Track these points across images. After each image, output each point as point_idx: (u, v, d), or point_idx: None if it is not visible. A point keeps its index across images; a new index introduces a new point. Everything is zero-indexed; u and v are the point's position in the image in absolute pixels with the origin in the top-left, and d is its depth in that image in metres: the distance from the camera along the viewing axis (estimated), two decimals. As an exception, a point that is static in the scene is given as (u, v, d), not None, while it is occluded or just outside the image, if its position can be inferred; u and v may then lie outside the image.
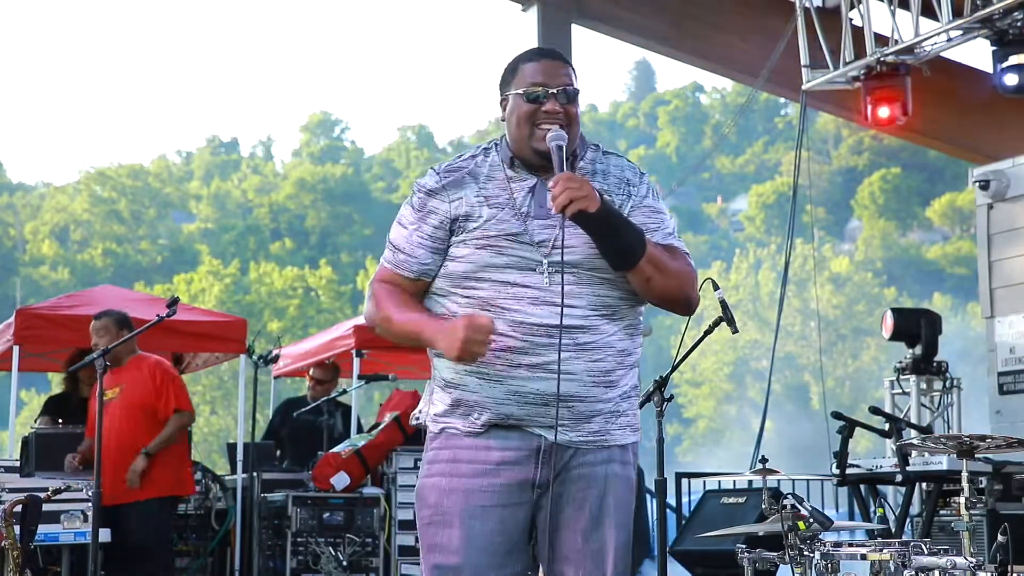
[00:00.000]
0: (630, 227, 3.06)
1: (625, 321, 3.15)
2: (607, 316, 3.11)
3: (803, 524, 4.28)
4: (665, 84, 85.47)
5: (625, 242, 3.04)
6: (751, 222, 55.02)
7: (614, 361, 3.12)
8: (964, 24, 8.89)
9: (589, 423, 3.12)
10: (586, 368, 3.08)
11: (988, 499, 6.45)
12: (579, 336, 3.07)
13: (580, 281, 3.08)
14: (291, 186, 58.59)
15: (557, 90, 3.11)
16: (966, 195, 42.50)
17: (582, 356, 3.08)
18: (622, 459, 3.19)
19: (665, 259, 3.09)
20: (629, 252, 3.04)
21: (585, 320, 3.08)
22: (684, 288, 3.13)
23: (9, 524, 5.38)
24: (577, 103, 3.14)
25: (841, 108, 12.40)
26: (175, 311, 5.97)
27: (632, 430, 3.20)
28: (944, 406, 8.81)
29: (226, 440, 22.59)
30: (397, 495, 8.17)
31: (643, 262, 3.05)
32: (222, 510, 8.57)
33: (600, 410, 3.12)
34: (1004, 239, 8.47)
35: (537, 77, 3.12)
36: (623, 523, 3.18)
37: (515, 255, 3.08)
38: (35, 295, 42.47)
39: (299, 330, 41.26)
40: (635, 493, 3.23)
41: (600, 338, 3.09)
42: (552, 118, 3.08)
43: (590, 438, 3.13)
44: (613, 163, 3.21)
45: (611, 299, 3.12)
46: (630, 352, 3.17)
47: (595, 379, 3.10)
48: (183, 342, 9.29)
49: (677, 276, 3.10)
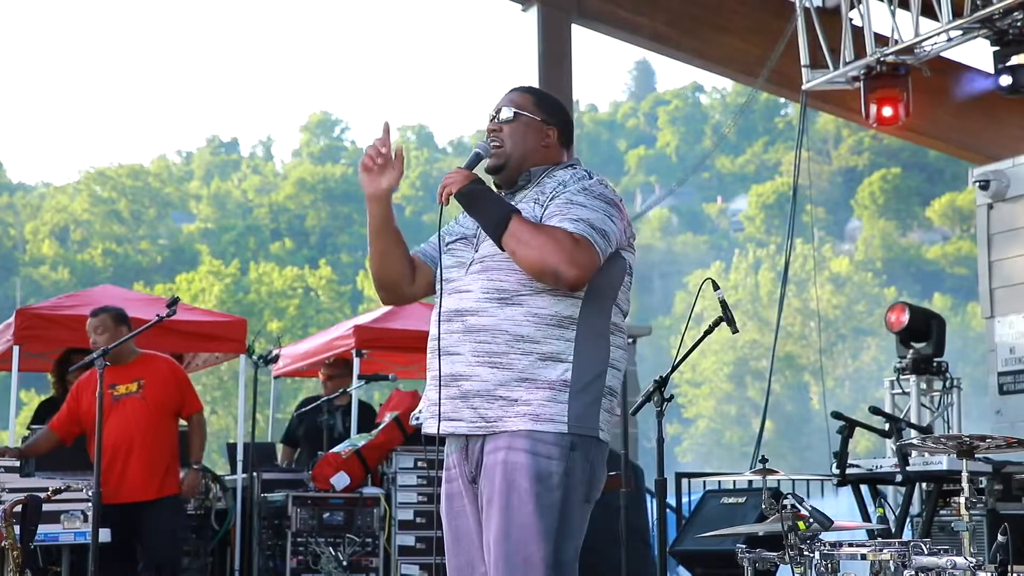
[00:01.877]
0: (493, 207, 3.28)
1: (525, 308, 3.25)
2: (501, 300, 3.27)
3: (803, 524, 4.29)
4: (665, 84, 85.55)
5: (485, 219, 3.28)
6: (751, 222, 55.05)
7: (506, 345, 3.24)
8: (964, 24, 8.89)
9: (483, 408, 3.23)
10: (471, 348, 3.27)
11: (988, 499, 6.45)
12: (468, 319, 3.29)
13: (485, 269, 3.32)
14: (291, 186, 58.63)
15: (493, 112, 3.51)
16: (966, 195, 42.52)
17: (469, 337, 3.27)
18: (523, 446, 3.18)
19: (530, 234, 3.21)
20: (492, 228, 3.26)
21: (476, 303, 3.29)
22: (546, 259, 3.17)
23: (9, 524, 5.38)
24: (517, 123, 3.47)
25: (841, 108, 12.41)
26: (175, 311, 5.95)
27: (534, 419, 3.20)
28: (944, 406, 8.80)
29: (226, 440, 22.58)
30: (397, 495, 8.16)
31: (506, 236, 3.22)
32: (222, 510, 8.56)
33: (489, 391, 3.22)
34: (1004, 239, 8.47)
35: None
36: (513, 507, 3.16)
37: (458, 256, 3.41)
38: (35, 295, 42.47)
39: (299, 330, 41.28)
40: (550, 481, 3.18)
41: (489, 320, 3.26)
42: (490, 135, 3.49)
43: (481, 424, 3.24)
44: (560, 176, 3.44)
45: (507, 284, 3.28)
46: (536, 340, 3.24)
47: (479, 359, 3.25)
48: (183, 342, 9.28)
49: (540, 248, 3.18)
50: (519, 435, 3.20)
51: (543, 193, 3.37)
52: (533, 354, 3.23)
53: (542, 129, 3.48)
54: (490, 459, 3.22)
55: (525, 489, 3.16)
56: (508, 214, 3.25)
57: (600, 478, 3.33)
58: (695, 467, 39.88)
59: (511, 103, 3.50)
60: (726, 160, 58.85)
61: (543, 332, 3.24)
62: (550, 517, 3.16)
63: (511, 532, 3.15)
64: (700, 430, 46.96)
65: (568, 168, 3.47)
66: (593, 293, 3.29)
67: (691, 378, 46.88)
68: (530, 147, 3.46)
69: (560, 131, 3.52)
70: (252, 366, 8.73)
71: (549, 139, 3.49)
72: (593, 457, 3.28)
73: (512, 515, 3.16)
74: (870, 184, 53.25)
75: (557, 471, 3.19)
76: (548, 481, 3.18)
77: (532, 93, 3.56)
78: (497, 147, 3.45)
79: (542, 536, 3.15)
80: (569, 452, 3.21)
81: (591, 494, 3.29)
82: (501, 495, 3.18)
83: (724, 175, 60.18)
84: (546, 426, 3.19)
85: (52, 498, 5.64)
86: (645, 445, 16.19)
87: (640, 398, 5.05)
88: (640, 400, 5.06)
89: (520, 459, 3.18)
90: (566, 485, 3.20)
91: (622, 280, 3.37)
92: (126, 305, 7.46)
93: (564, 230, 3.21)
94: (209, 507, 8.53)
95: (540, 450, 3.19)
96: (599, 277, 3.27)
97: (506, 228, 3.23)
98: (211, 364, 11.06)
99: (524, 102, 3.50)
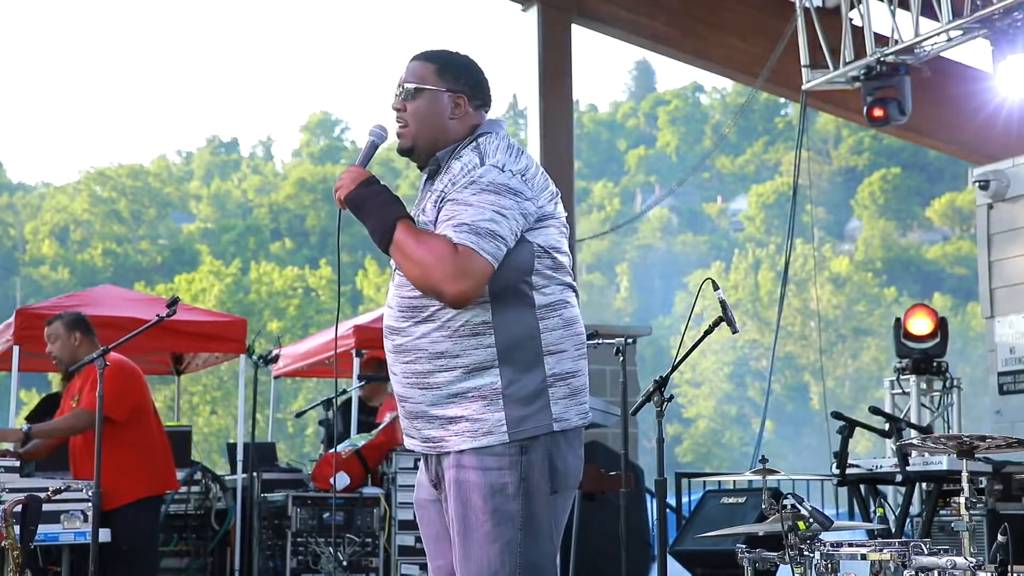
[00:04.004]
0: (379, 216, 3.11)
1: (438, 322, 3.11)
2: (414, 318, 3.15)
3: (803, 524, 4.28)
4: (665, 84, 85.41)
5: (371, 228, 3.13)
6: (751, 222, 55.02)
7: (429, 364, 3.12)
8: (964, 24, 8.89)
9: (425, 429, 3.18)
10: (403, 370, 3.18)
11: (988, 499, 6.45)
12: (395, 338, 3.19)
13: (398, 285, 3.19)
14: (291, 186, 58.57)
15: (397, 89, 3.27)
16: (966, 195, 42.51)
17: (399, 358, 3.18)
18: (471, 463, 3.11)
19: (411, 247, 3.06)
20: (378, 238, 3.11)
21: (396, 322, 3.19)
22: (427, 275, 3.02)
23: (9, 524, 5.38)
24: (420, 100, 3.22)
25: (841, 108, 12.42)
26: (175, 311, 5.93)
27: (472, 436, 3.09)
28: (944, 406, 8.80)
29: (226, 440, 22.59)
30: (397, 495, 8.17)
31: (392, 248, 3.09)
32: (222, 510, 8.58)
33: (424, 412, 3.16)
34: (1004, 239, 8.47)
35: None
36: (472, 526, 3.10)
37: (392, 265, 3.25)
38: (35, 295, 42.45)
39: (299, 330, 41.24)
40: (505, 492, 3.09)
41: (408, 340, 3.15)
42: (397, 117, 3.27)
43: (428, 444, 3.19)
44: (465, 158, 3.18)
45: (415, 300, 3.15)
46: (456, 355, 3.10)
47: (410, 380, 3.16)
48: (183, 342, 9.29)
49: (420, 265, 3.04)
50: (467, 453, 3.10)
51: (452, 183, 3.14)
52: (457, 369, 3.10)
53: (450, 100, 3.24)
54: (447, 477, 3.16)
55: (480, 507, 3.08)
56: (394, 223, 3.09)
57: (569, 464, 3.18)
58: (695, 467, 39.88)
59: (413, 76, 3.24)
60: (726, 160, 58.81)
61: (460, 345, 3.10)
62: (511, 528, 3.07)
63: (472, 552, 3.09)
64: (700, 430, 46.93)
65: (473, 145, 3.20)
66: (500, 291, 3.11)
67: (691, 378, 46.88)
68: (438, 123, 3.23)
69: (469, 95, 3.26)
70: (252, 366, 8.74)
71: (459, 108, 3.24)
72: (552, 451, 3.13)
73: (471, 534, 3.09)
74: (870, 184, 53.24)
75: (511, 480, 3.09)
76: (503, 492, 3.08)
77: (432, 60, 3.27)
78: (403, 127, 3.24)
79: (504, 550, 3.07)
80: (520, 458, 3.09)
81: (558, 484, 3.16)
82: (459, 518, 3.11)
83: (724, 175, 60.14)
84: (487, 440, 3.09)
85: (52, 498, 5.63)
86: (645, 445, 16.19)
87: (640, 398, 5.04)
88: (640, 400, 5.06)
89: (471, 477, 3.10)
90: (525, 490, 3.09)
91: (532, 264, 3.15)
92: (126, 305, 7.46)
93: (446, 241, 3.03)
94: (209, 507, 8.54)
95: (489, 463, 3.09)
96: (500, 275, 3.08)
97: (391, 240, 3.09)
98: (211, 364, 11.07)
99: (425, 72, 3.24)
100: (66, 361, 6.46)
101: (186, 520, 8.55)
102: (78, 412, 6.30)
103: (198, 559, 8.54)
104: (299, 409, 11.07)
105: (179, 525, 8.55)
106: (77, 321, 6.56)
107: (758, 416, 36.15)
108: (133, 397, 6.37)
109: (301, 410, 10.06)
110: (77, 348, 6.45)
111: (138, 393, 6.44)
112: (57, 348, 6.47)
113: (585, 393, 3.23)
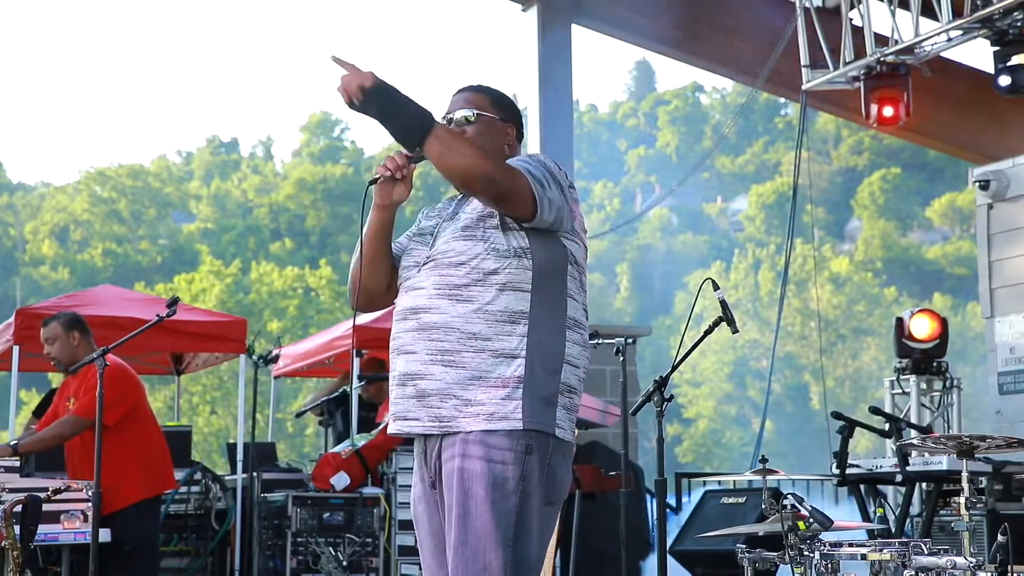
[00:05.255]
0: (414, 107, 3.14)
1: (476, 304, 3.18)
2: (452, 297, 3.20)
3: (803, 524, 4.29)
4: (665, 84, 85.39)
5: (404, 120, 3.14)
6: (751, 222, 55.00)
7: (458, 342, 3.18)
8: (964, 24, 8.89)
9: (437, 407, 3.18)
10: (425, 347, 3.21)
11: (988, 499, 6.46)
12: (422, 316, 3.23)
13: (437, 265, 3.25)
14: (291, 186, 58.57)
15: (447, 115, 3.39)
16: (966, 195, 42.50)
17: (423, 335, 3.22)
18: (477, 453, 3.14)
19: (458, 140, 3.16)
20: (412, 130, 3.13)
21: (428, 301, 3.23)
22: (476, 164, 3.11)
23: (9, 524, 5.38)
24: (479, 125, 3.37)
25: (841, 108, 12.41)
26: (175, 311, 5.93)
27: (487, 418, 3.14)
28: (944, 406, 8.81)
29: (226, 440, 22.60)
30: (397, 495, 8.17)
31: (430, 138, 3.12)
32: (222, 510, 8.58)
33: (442, 390, 3.17)
34: (1004, 239, 8.48)
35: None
36: (471, 514, 3.13)
37: (414, 255, 3.34)
38: (35, 295, 42.44)
39: (299, 330, 41.22)
40: (505, 487, 3.13)
41: (441, 318, 3.20)
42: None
43: (437, 424, 3.19)
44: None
45: (458, 280, 3.21)
46: (488, 338, 3.17)
47: (432, 357, 3.20)
48: (183, 342, 9.29)
49: (468, 156, 3.12)
50: (473, 441, 3.14)
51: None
52: (485, 351, 3.17)
53: (503, 128, 3.42)
54: (447, 467, 3.18)
55: (481, 497, 3.12)
56: (431, 115, 3.15)
57: (563, 478, 3.25)
58: (695, 467, 39.88)
59: (469, 104, 3.41)
60: (726, 160, 58.79)
61: (494, 329, 3.17)
62: (507, 523, 3.12)
63: (469, 540, 3.12)
64: (700, 430, 46.92)
65: None
66: (540, 283, 3.21)
67: (691, 378, 46.86)
68: (495, 149, 3.36)
69: (516, 127, 3.47)
70: (252, 366, 8.74)
71: (509, 137, 3.43)
72: (552, 458, 3.20)
73: (470, 522, 3.12)
74: (870, 184, 53.21)
75: (513, 476, 3.14)
76: (504, 487, 3.12)
77: (486, 92, 3.45)
78: None
79: (500, 543, 3.10)
80: (524, 456, 3.15)
81: (553, 496, 3.22)
82: (459, 503, 3.14)
83: (724, 175, 60.13)
84: (500, 424, 3.13)
85: (52, 498, 5.63)
86: (645, 445, 16.20)
87: (640, 398, 5.05)
88: (640, 400, 5.07)
89: (475, 466, 3.13)
90: (523, 489, 3.14)
91: (566, 267, 3.27)
92: (126, 305, 7.46)
93: (510, 166, 3.17)
94: (209, 507, 8.55)
95: (495, 456, 3.13)
96: (541, 260, 3.21)
97: (430, 130, 3.13)
98: (211, 364, 11.08)
99: (482, 102, 3.41)
100: (65, 362, 6.45)
101: (186, 520, 8.55)
102: (65, 420, 6.29)
103: (198, 559, 8.54)
104: (299, 409, 11.07)
105: (179, 525, 8.54)
106: (74, 321, 6.56)
107: (758, 416, 36.16)
108: (127, 402, 6.35)
109: (301, 410, 10.07)
110: (76, 348, 6.45)
111: (132, 398, 6.42)
112: (56, 349, 6.46)
113: (576, 415, 3.33)
